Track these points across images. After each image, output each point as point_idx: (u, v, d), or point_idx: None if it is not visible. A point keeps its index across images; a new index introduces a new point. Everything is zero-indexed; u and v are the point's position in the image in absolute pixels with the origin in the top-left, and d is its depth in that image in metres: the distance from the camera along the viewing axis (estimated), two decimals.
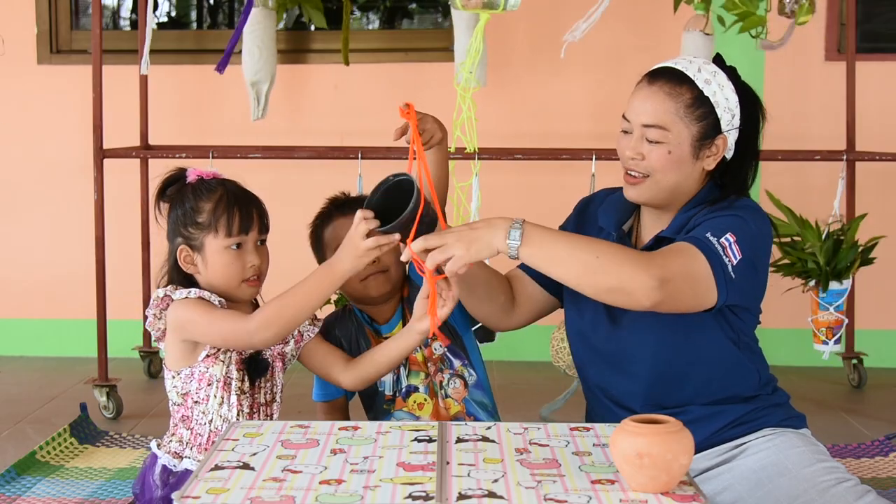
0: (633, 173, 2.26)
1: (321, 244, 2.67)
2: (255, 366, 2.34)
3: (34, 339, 4.74)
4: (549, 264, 2.08)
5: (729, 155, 2.27)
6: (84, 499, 2.99)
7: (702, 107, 2.21)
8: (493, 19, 2.36)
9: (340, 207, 2.66)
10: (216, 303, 2.28)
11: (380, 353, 2.39)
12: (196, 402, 2.31)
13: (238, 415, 2.30)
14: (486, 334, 2.96)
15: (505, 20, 3.74)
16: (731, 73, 2.29)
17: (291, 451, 1.89)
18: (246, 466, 1.81)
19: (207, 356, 2.30)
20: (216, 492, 1.69)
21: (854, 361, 4.20)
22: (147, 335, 4.36)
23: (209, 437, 2.30)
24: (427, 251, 2.06)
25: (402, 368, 2.59)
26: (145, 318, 2.35)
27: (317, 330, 2.44)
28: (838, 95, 4.17)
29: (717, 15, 3.99)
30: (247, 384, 2.33)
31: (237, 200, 2.35)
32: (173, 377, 2.33)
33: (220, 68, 3.98)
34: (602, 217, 2.39)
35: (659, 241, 2.25)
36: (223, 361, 2.30)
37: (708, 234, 2.13)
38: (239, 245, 2.33)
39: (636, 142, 2.25)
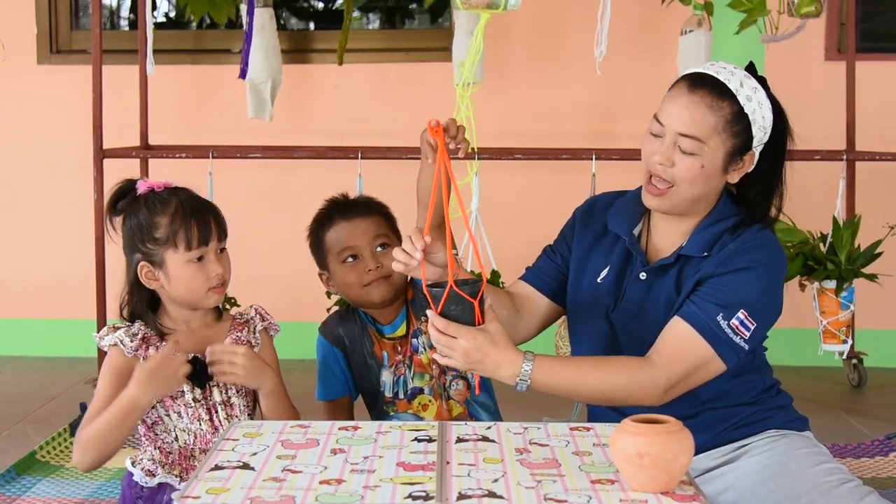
0: (656, 182, 2.24)
1: (322, 248, 2.64)
2: (194, 371, 2.27)
3: (34, 339, 4.74)
4: (557, 395, 2.20)
5: (750, 168, 2.26)
6: (84, 499, 2.99)
7: (740, 123, 2.19)
8: (493, 19, 2.35)
9: (342, 210, 2.65)
10: (125, 350, 2.25)
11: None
12: (154, 422, 2.29)
13: (200, 423, 2.28)
14: None
15: (505, 20, 3.75)
16: (763, 85, 2.27)
17: (291, 451, 1.89)
18: (246, 466, 1.81)
19: None
20: (216, 491, 1.69)
21: (854, 361, 4.20)
22: None
23: (181, 452, 2.28)
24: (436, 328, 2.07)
25: (407, 370, 2.59)
26: None
27: (259, 336, 2.38)
28: (838, 95, 4.17)
29: (714, 14, 3.99)
30: (198, 391, 2.29)
31: (193, 212, 2.27)
32: None
33: (242, 75, 4.00)
34: (612, 222, 2.38)
35: (679, 258, 2.26)
36: None
37: (719, 318, 2.14)
38: (200, 257, 2.27)
39: (667, 148, 2.21)
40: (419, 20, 5.19)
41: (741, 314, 2.15)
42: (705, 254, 2.24)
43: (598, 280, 2.37)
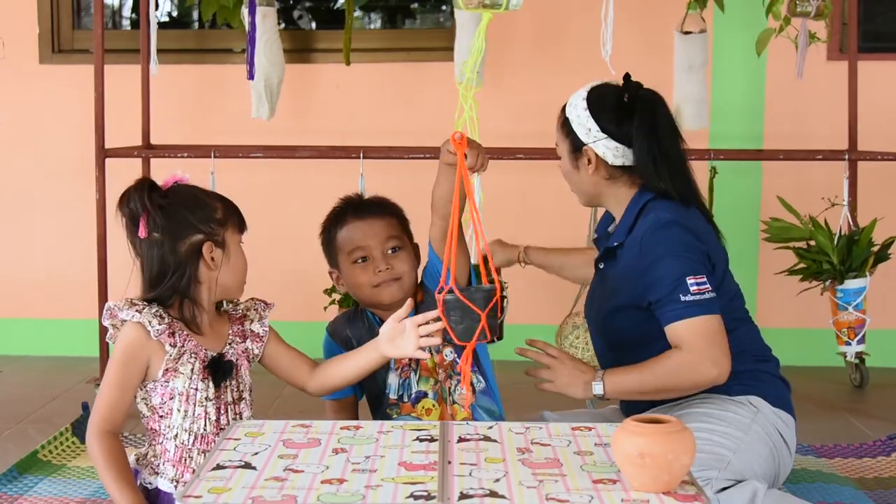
0: None
1: (333, 246, 2.64)
2: (218, 368, 2.28)
3: (36, 338, 4.74)
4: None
5: (616, 161, 2.55)
6: (86, 498, 2.99)
7: (566, 126, 2.61)
8: (495, 18, 2.35)
9: (356, 209, 2.64)
10: (152, 332, 2.22)
11: (347, 364, 2.40)
12: (161, 416, 2.27)
13: (205, 423, 2.26)
14: (500, 334, 2.95)
15: (507, 19, 3.74)
16: (629, 86, 2.58)
17: (293, 451, 1.89)
18: (248, 466, 1.81)
19: (167, 370, 2.24)
20: (218, 491, 1.69)
21: (856, 361, 4.20)
22: None
23: (176, 451, 2.26)
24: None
25: (412, 374, 2.58)
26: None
27: (267, 324, 2.40)
28: (840, 95, 4.17)
29: (716, 16, 4.00)
30: (212, 391, 2.27)
31: (230, 201, 2.37)
32: (140, 389, 2.28)
33: (250, 76, 4.00)
34: (598, 227, 2.79)
35: (606, 250, 2.62)
36: (185, 374, 2.25)
37: (682, 298, 2.42)
38: (240, 242, 2.36)
39: None
40: (421, 20, 5.19)
41: (689, 279, 2.42)
42: (616, 243, 2.57)
43: None
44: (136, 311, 2.24)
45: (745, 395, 2.51)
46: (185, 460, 2.26)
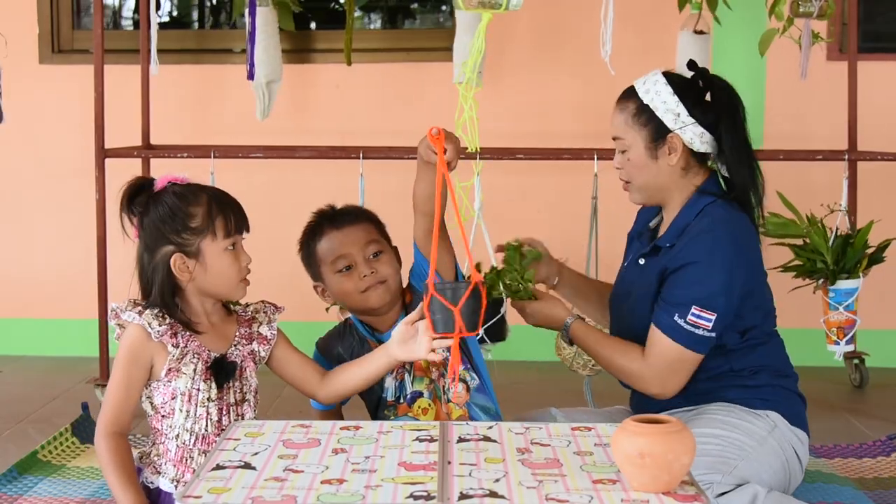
0: (623, 180, 2.61)
1: (314, 259, 2.64)
2: (221, 369, 2.29)
3: (36, 338, 4.74)
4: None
5: (701, 148, 2.53)
6: (86, 498, 3.00)
7: (644, 114, 2.53)
8: (495, 18, 2.36)
9: (331, 219, 2.64)
10: (153, 333, 2.25)
11: (357, 371, 2.40)
12: (163, 415, 2.28)
13: (206, 424, 2.27)
14: (497, 334, 2.94)
15: (507, 19, 3.74)
16: (700, 75, 2.58)
17: (293, 451, 1.89)
18: (247, 466, 1.81)
19: (169, 370, 2.26)
20: (218, 491, 1.69)
21: (856, 361, 4.20)
22: None
23: (177, 451, 2.27)
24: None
25: (406, 374, 2.59)
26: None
27: (276, 327, 2.41)
28: (840, 95, 4.16)
29: (715, 15, 3.99)
30: (214, 391, 2.28)
31: (227, 201, 2.33)
32: (145, 388, 2.30)
33: (250, 76, 3.99)
34: (638, 219, 2.75)
35: (654, 248, 2.57)
36: (187, 374, 2.26)
37: (676, 318, 2.44)
38: (234, 245, 2.32)
39: (616, 154, 2.60)
40: (421, 20, 5.19)
41: (694, 310, 2.43)
42: (669, 245, 2.52)
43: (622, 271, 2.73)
44: (137, 312, 2.27)
45: (764, 409, 2.52)
46: (186, 460, 2.26)
